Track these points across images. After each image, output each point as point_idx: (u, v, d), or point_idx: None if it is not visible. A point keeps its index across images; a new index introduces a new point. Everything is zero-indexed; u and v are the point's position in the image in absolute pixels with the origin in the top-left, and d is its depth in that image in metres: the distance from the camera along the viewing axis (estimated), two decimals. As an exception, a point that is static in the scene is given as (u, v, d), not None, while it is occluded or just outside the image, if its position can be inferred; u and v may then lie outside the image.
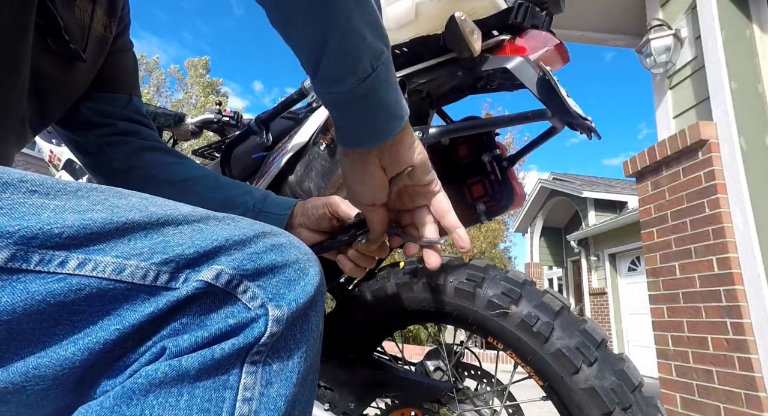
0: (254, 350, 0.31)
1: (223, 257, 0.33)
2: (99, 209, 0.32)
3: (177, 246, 0.32)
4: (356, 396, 0.87)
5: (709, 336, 2.39)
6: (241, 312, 0.32)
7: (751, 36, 2.65)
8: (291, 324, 0.33)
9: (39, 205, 0.30)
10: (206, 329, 0.31)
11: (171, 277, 0.31)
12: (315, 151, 0.78)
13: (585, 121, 0.66)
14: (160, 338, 0.31)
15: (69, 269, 0.29)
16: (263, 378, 0.32)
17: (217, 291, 0.32)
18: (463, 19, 0.67)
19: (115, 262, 0.30)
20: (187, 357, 0.30)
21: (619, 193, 9.58)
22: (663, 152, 2.75)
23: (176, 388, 0.29)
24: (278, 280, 0.34)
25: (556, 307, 0.75)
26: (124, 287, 0.30)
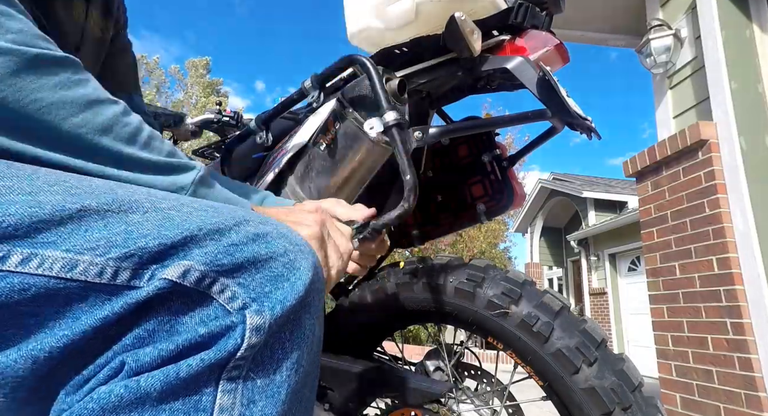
0: (231, 365, 0.26)
1: (195, 250, 0.28)
2: (54, 190, 0.27)
3: (141, 237, 0.27)
4: (356, 396, 0.87)
5: (709, 336, 2.39)
6: (216, 318, 0.27)
7: (751, 36, 2.65)
8: (277, 330, 0.28)
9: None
10: (173, 340, 0.26)
11: (133, 275, 0.26)
12: (315, 151, 0.78)
13: (585, 121, 0.67)
14: (121, 349, 0.26)
15: (10, 266, 0.25)
16: (244, 396, 0.26)
17: (187, 291, 0.26)
18: (463, 19, 0.67)
19: (65, 257, 0.25)
20: (146, 375, 0.25)
21: (619, 193, 9.58)
22: (663, 152, 2.75)
23: (135, 413, 0.24)
24: (262, 276, 0.29)
25: (556, 307, 0.75)
26: (76, 286, 0.25)
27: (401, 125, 0.67)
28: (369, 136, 0.70)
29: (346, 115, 0.72)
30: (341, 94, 0.74)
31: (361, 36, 0.87)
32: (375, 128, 0.69)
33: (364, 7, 0.84)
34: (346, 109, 0.72)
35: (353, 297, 0.94)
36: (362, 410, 0.88)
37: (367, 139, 0.71)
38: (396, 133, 0.66)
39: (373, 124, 0.69)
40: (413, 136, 0.70)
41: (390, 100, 0.67)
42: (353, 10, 0.86)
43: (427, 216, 1.04)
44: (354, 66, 0.74)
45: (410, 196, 0.64)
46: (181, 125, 1.50)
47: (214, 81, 19.78)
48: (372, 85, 0.68)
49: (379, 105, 0.67)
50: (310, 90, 0.79)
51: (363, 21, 0.84)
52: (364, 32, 0.85)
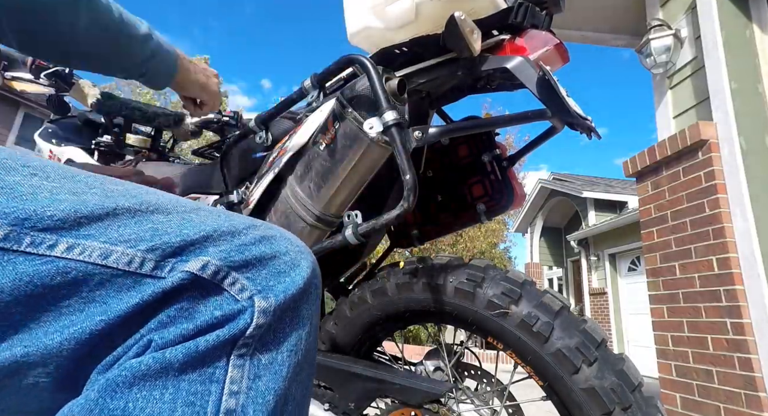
0: (241, 342, 0.31)
1: (211, 248, 0.32)
2: (94, 192, 0.32)
3: (164, 234, 0.32)
4: (356, 396, 0.87)
5: (709, 336, 2.39)
6: (228, 304, 0.31)
7: (751, 36, 2.65)
8: (279, 315, 0.32)
9: (37, 187, 0.31)
10: (192, 321, 0.30)
11: (156, 265, 0.31)
12: (315, 150, 0.78)
13: (585, 121, 0.66)
14: (147, 331, 0.30)
15: (57, 252, 0.29)
16: (251, 371, 0.31)
17: (204, 282, 0.31)
18: (463, 19, 0.67)
19: (102, 247, 0.30)
20: (171, 349, 0.29)
21: (619, 193, 9.58)
22: (663, 152, 2.75)
23: (161, 381, 0.28)
24: (267, 272, 0.33)
25: (556, 307, 0.75)
26: (109, 272, 0.30)
27: (401, 125, 0.67)
28: (368, 136, 0.70)
29: (346, 115, 0.72)
30: (341, 93, 0.74)
31: (361, 36, 0.87)
32: (374, 128, 0.69)
33: (363, 7, 0.84)
34: (346, 109, 0.72)
35: (353, 297, 0.94)
36: (362, 410, 0.88)
37: (367, 138, 0.71)
38: (395, 133, 0.66)
39: (372, 124, 0.69)
40: (413, 135, 0.70)
41: (390, 99, 0.67)
42: (353, 10, 0.86)
43: (427, 216, 1.04)
44: (354, 66, 0.74)
45: (410, 195, 0.64)
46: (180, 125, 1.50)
47: (214, 81, 19.73)
48: (372, 85, 0.68)
49: (379, 105, 0.67)
50: (310, 89, 0.79)
51: (363, 21, 0.84)
52: (364, 32, 0.85)
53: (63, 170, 0.33)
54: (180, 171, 1.14)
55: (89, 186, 0.33)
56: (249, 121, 0.92)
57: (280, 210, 0.85)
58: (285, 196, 0.84)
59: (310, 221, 0.82)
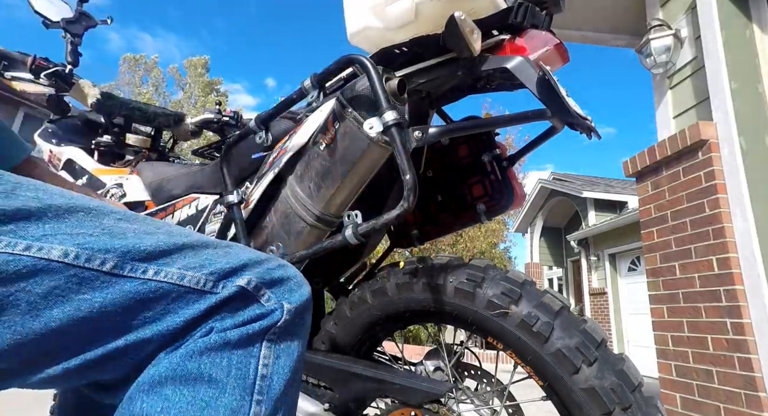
0: (271, 331, 0.45)
1: (248, 271, 0.46)
2: (162, 232, 0.46)
3: (217, 262, 0.45)
4: (356, 396, 0.87)
5: (709, 336, 2.39)
6: (261, 308, 0.45)
7: (751, 36, 2.65)
8: (295, 315, 0.47)
9: (126, 229, 0.43)
10: (240, 316, 0.44)
11: (214, 285, 0.44)
12: (315, 150, 0.78)
13: (585, 121, 0.66)
14: (207, 324, 0.43)
15: (149, 275, 0.42)
16: (275, 352, 0.45)
17: (248, 293, 0.45)
18: (463, 19, 0.67)
19: (178, 272, 0.43)
20: (230, 331, 0.43)
21: (619, 193, 9.57)
22: (663, 152, 2.75)
23: (221, 352, 0.42)
24: (284, 289, 0.48)
25: (556, 307, 0.75)
26: (184, 290, 0.43)
27: (401, 125, 0.67)
28: (368, 136, 0.70)
29: (346, 115, 0.72)
30: (341, 93, 0.74)
31: (361, 36, 0.87)
32: (374, 128, 0.69)
33: (363, 7, 0.84)
34: (346, 109, 0.72)
35: (353, 297, 0.94)
36: (362, 410, 0.88)
37: (367, 138, 0.71)
38: (395, 133, 0.66)
39: (372, 124, 0.69)
40: (413, 135, 0.70)
41: (390, 99, 0.67)
42: (353, 10, 0.86)
43: (427, 216, 1.04)
44: (353, 66, 0.74)
45: (410, 195, 0.64)
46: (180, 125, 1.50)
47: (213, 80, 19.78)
48: (372, 85, 0.68)
49: (379, 104, 0.67)
50: (310, 89, 0.79)
51: (363, 21, 0.84)
52: (364, 32, 0.85)
53: (134, 215, 0.47)
54: (180, 171, 1.14)
55: (156, 227, 0.46)
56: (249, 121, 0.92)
57: (280, 210, 0.85)
58: (285, 196, 0.84)
59: (310, 221, 0.82)
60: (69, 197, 0.43)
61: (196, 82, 19.29)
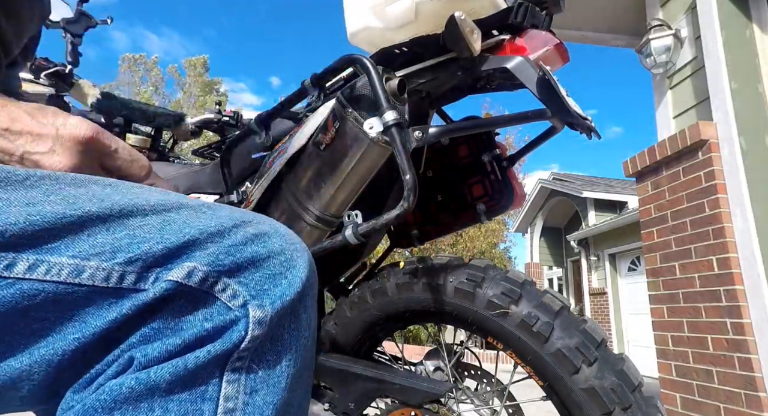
0: (235, 356, 0.28)
1: (198, 252, 0.29)
2: (52, 200, 0.28)
3: (144, 242, 0.28)
4: (356, 396, 0.87)
5: (709, 336, 2.39)
6: (220, 314, 0.28)
7: (751, 36, 2.65)
8: (277, 324, 0.30)
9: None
10: (179, 335, 0.27)
11: (138, 278, 0.27)
12: (315, 150, 0.78)
13: (585, 121, 0.66)
14: (128, 346, 0.27)
15: (18, 273, 0.25)
16: (247, 385, 0.28)
17: (191, 291, 0.28)
18: (463, 19, 0.67)
19: (72, 263, 0.26)
20: (156, 368, 0.26)
21: (619, 193, 9.57)
22: (663, 152, 2.75)
23: (146, 403, 0.26)
24: (261, 275, 0.30)
25: (556, 307, 0.75)
26: (84, 291, 0.27)
27: (401, 125, 0.67)
28: (368, 136, 0.70)
29: (346, 115, 0.72)
30: (341, 93, 0.74)
31: (361, 36, 0.87)
32: (375, 128, 0.69)
33: (363, 7, 0.84)
34: (346, 109, 0.72)
35: (353, 297, 0.94)
36: (362, 410, 0.88)
37: (367, 138, 0.71)
38: (395, 133, 0.66)
39: (372, 124, 0.69)
40: (413, 135, 0.70)
41: (390, 99, 0.67)
42: (353, 10, 0.86)
43: (427, 216, 1.04)
44: (354, 66, 0.74)
45: (410, 195, 0.64)
46: (180, 125, 1.50)
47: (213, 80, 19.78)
48: (372, 85, 0.68)
49: (379, 105, 0.67)
50: (310, 89, 0.79)
51: (363, 21, 0.84)
52: (364, 32, 0.85)
53: (7, 173, 0.28)
54: (180, 171, 1.15)
55: (47, 193, 0.28)
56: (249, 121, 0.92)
57: (280, 210, 0.85)
58: (285, 196, 0.84)
59: (310, 221, 0.82)
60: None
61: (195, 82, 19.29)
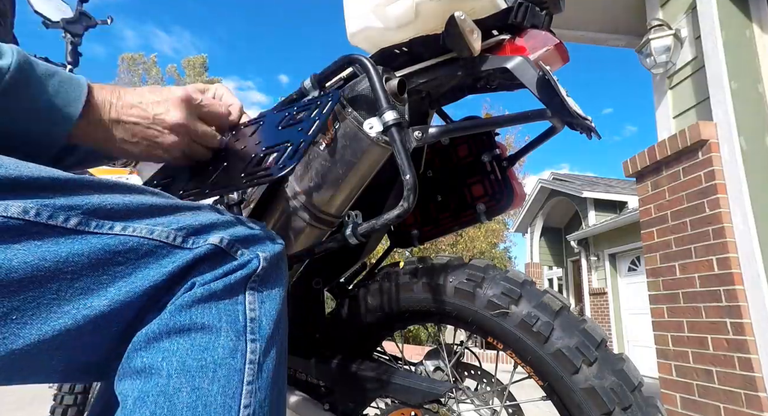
0: (252, 279, 0.47)
1: (218, 230, 0.48)
2: (130, 194, 0.45)
3: (185, 221, 0.46)
4: (356, 396, 0.87)
5: (709, 336, 2.39)
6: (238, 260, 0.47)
7: (751, 36, 2.65)
8: (271, 264, 0.49)
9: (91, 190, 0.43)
10: (220, 270, 0.46)
11: (184, 240, 0.45)
12: (315, 150, 0.78)
13: (585, 121, 0.66)
14: (186, 280, 0.44)
15: (117, 230, 0.42)
16: (259, 298, 0.47)
17: (221, 250, 0.46)
18: (463, 19, 0.67)
19: (147, 227, 0.43)
20: (215, 282, 0.44)
21: (619, 193, 9.58)
22: (663, 152, 2.75)
23: (208, 303, 0.43)
24: (257, 243, 0.50)
25: (556, 307, 0.75)
26: (154, 244, 0.43)
27: (401, 125, 0.67)
28: (368, 136, 0.70)
29: (346, 115, 0.72)
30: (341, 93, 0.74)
31: (361, 36, 0.87)
32: (374, 128, 0.69)
33: (363, 7, 0.84)
34: (346, 109, 0.72)
35: (353, 297, 0.94)
36: (362, 410, 0.88)
37: (367, 138, 0.71)
38: (395, 133, 0.66)
39: (372, 124, 0.69)
40: (413, 135, 0.70)
41: (389, 99, 0.67)
42: (353, 10, 0.86)
43: (427, 216, 1.04)
44: (353, 65, 0.74)
45: (410, 195, 0.64)
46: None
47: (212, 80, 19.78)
48: (371, 85, 0.68)
49: (379, 105, 0.67)
50: (310, 90, 0.79)
51: (362, 21, 0.84)
52: (364, 32, 0.85)
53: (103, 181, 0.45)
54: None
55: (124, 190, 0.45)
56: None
57: (280, 210, 0.85)
58: (285, 196, 0.84)
59: (310, 221, 0.82)
60: (38, 169, 0.41)
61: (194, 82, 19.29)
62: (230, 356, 0.43)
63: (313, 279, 1.00)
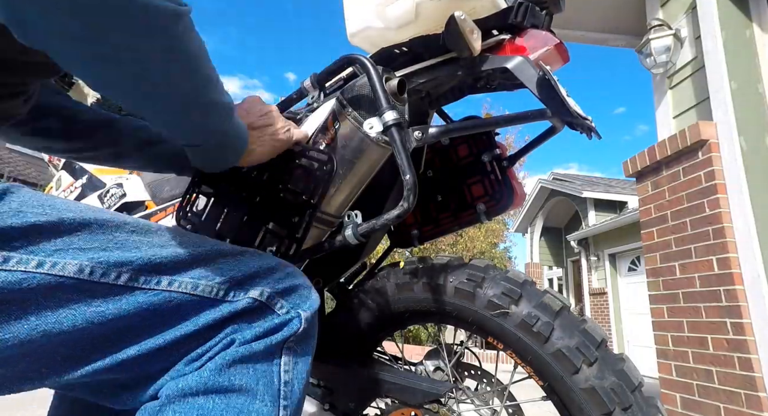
0: (290, 340, 0.49)
1: (261, 281, 0.49)
2: (172, 244, 0.47)
3: (229, 271, 0.48)
4: (356, 396, 0.87)
5: (709, 336, 2.39)
6: (278, 317, 0.48)
7: (751, 36, 2.65)
8: (310, 324, 0.50)
9: (139, 242, 0.45)
10: (260, 326, 0.47)
11: (226, 293, 0.47)
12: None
13: (585, 121, 0.66)
14: (225, 335, 0.46)
15: (163, 286, 0.44)
16: (294, 358, 0.49)
17: (262, 304, 0.48)
18: (463, 19, 0.67)
19: (191, 282, 0.45)
20: (254, 342, 0.46)
21: (619, 193, 9.57)
22: (663, 152, 2.75)
23: (248, 363, 0.45)
24: (297, 297, 0.51)
25: (556, 307, 0.75)
26: (197, 299, 0.45)
27: (401, 125, 0.67)
28: (368, 136, 0.70)
29: (346, 115, 0.72)
30: (341, 93, 0.74)
31: (361, 36, 0.87)
32: (374, 128, 0.69)
33: (364, 7, 0.84)
34: (346, 109, 0.72)
35: (353, 297, 0.94)
36: (362, 410, 0.88)
37: (367, 138, 0.71)
38: (395, 133, 0.66)
39: (372, 124, 0.69)
40: (413, 135, 0.70)
41: (389, 99, 0.67)
42: (353, 10, 0.86)
43: (427, 216, 1.04)
44: (353, 65, 0.74)
45: (410, 195, 0.64)
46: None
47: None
48: (371, 85, 0.68)
49: (379, 104, 0.67)
50: (310, 89, 0.79)
51: (363, 21, 0.84)
52: (364, 32, 0.85)
53: (149, 226, 0.48)
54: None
55: (168, 239, 0.48)
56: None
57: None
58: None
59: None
60: (79, 210, 0.43)
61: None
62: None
63: (313, 280, 1.00)
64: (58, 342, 0.39)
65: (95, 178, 1.24)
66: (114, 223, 0.44)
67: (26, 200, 0.41)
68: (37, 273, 0.37)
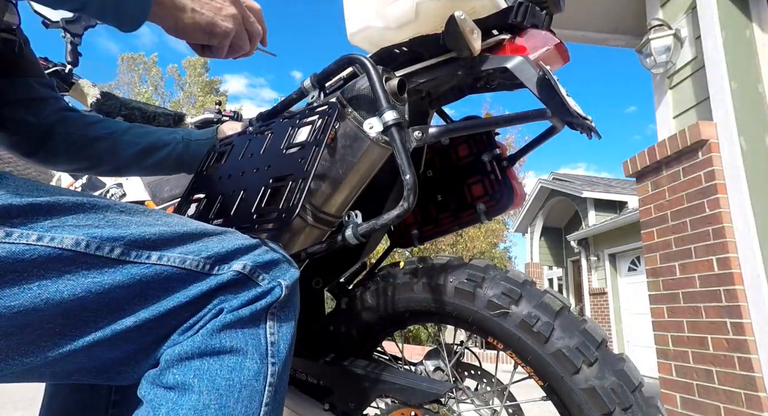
0: (273, 307, 0.52)
1: (242, 256, 0.53)
2: (162, 223, 0.51)
3: (213, 248, 0.51)
4: (356, 396, 0.87)
5: (709, 336, 2.39)
6: (260, 287, 0.52)
7: (751, 36, 2.65)
8: (290, 292, 0.54)
9: (128, 221, 0.48)
10: (245, 296, 0.51)
11: (212, 267, 0.50)
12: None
13: (585, 121, 0.66)
14: (213, 305, 0.50)
15: (153, 260, 0.47)
16: (278, 323, 0.53)
17: (244, 276, 0.51)
18: (463, 19, 0.67)
19: (180, 257, 0.48)
20: (242, 309, 0.50)
21: (619, 193, 9.57)
22: (663, 152, 2.75)
23: (236, 327, 0.49)
24: (277, 269, 0.55)
25: (556, 307, 0.75)
26: (185, 272, 0.48)
27: (401, 125, 0.67)
28: (368, 136, 0.70)
29: (346, 115, 0.72)
30: (341, 93, 0.74)
31: (361, 35, 0.87)
32: (374, 128, 0.69)
33: (363, 7, 0.84)
34: (346, 109, 0.72)
35: (353, 297, 0.94)
36: (362, 410, 0.88)
37: (367, 138, 0.71)
38: (395, 133, 0.66)
39: (372, 124, 0.69)
40: (413, 135, 0.70)
41: (389, 99, 0.67)
42: (353, 10, 0.86)
43: (427, 216, 1.04)
44: (353, 65, 0.74)
45: (410, 195, 0.64)
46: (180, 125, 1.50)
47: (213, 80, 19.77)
48: (371, 85, 0.68)
49: (379, 104, 0.67)
50: (310, 89, 0.79)
51: (363, 21, 0.84)
52: (364, 32, 0.85)
53: (135, 207, 0.51)
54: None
55: (155, 219, 0.51)
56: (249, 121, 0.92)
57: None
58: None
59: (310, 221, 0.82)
60: (70, 193, 0.47)
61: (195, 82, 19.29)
62: (254, 378, 0.48)
63: (313, 279, 1.00)
64: (59, 312, 0.42)
65: (95, 178, 1.24)
66: (104, 204, 0.48)
67: (21, 184, 0.45)
68: (37, 245, 0.41)
